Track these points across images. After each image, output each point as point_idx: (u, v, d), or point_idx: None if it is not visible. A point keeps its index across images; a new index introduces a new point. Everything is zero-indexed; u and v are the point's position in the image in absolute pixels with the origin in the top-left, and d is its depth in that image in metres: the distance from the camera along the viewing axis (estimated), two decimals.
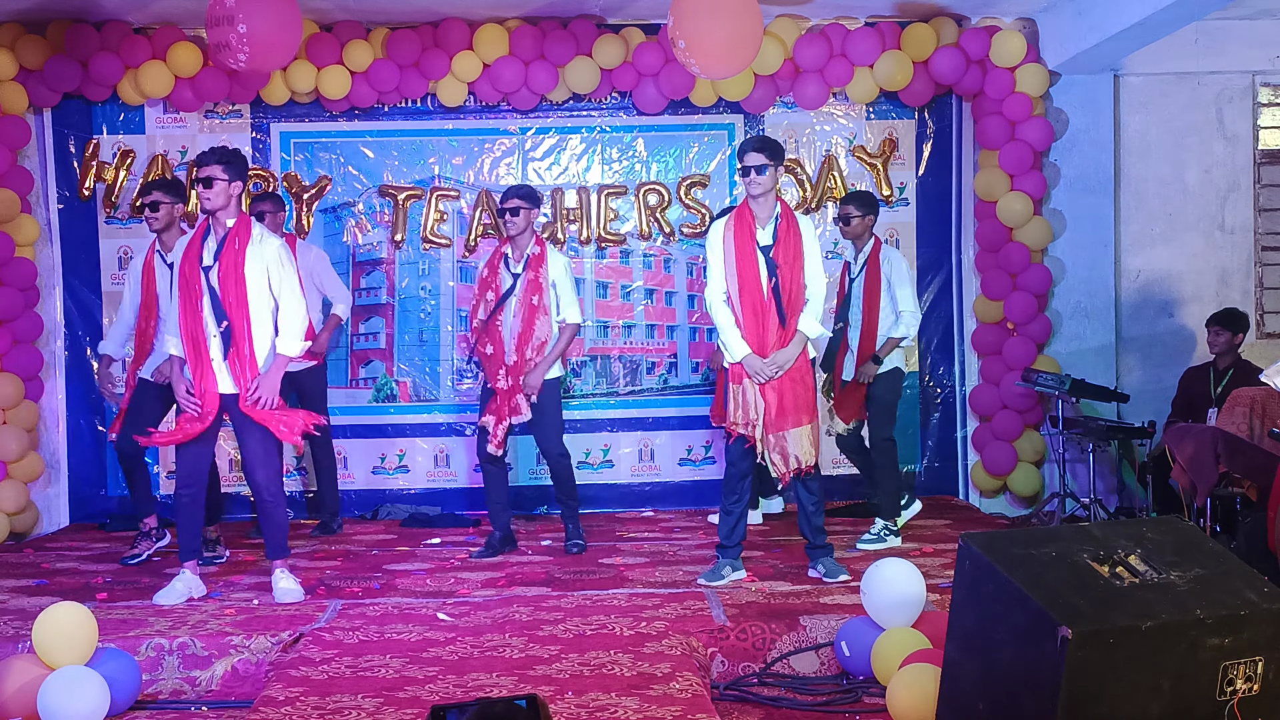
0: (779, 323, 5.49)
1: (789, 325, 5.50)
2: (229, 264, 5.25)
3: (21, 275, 7.11)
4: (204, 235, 5.34)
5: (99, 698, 4.16)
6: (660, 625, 4.82)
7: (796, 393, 5.51)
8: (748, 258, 5.50)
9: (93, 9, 7.09)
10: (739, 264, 5.50)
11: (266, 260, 5.32)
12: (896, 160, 7.87)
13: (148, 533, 6.39)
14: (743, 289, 5.50)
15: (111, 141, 7.64)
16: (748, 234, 5.52)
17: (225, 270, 5.25)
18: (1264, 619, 3.36)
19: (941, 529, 6.82)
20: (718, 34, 6.03)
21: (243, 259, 5.26)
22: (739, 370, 5.53)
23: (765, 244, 5.51)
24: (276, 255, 5.35)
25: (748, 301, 5.49)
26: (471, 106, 7.71)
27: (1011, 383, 7.43)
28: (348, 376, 7.82)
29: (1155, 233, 7.82)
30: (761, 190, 5.50)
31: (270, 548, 5.55)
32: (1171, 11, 6.28)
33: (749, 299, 5.50)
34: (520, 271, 6.25)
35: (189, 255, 5.32)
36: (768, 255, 5.50)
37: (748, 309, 5.49)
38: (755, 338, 5.50)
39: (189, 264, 5.30)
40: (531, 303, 6.21)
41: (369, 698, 4.09)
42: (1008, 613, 3.36)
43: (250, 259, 5.28)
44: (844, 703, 4.41)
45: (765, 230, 5.54)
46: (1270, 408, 5.61)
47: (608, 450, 7.85)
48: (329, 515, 7.16)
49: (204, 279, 5.27)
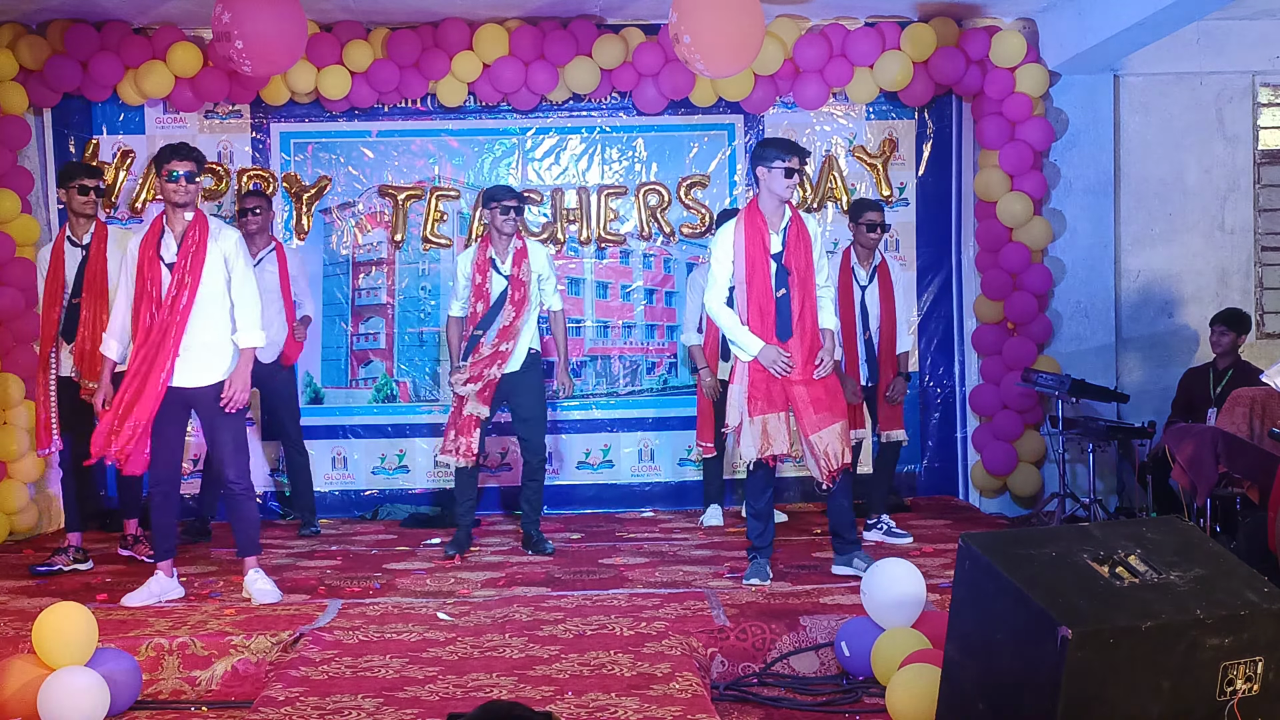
0: (783, 328, 5.43)
1: (796, 330, 5.44)
2: (190, 258, 5.22)
3: (21, 275, 7.10)
4: (160, 232, 5.32)
5: (99, 698, 4.16)
6: (660, 625, 4.82)
7: (830, 389, 5.48)
8: (758, 262, 5.43)
9: (93, 9, 7.10)
10: (749, 269, 5.43)
11: (225, 253, 5.30)
12: (896, 160, 7.88)
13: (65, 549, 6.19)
14: (750, 293, 5.43)
15: (111, 141, 7.64)
16: (759, 239, 5.45)
17: (187, 264, 5.22)
18: (1264, 619, 3.36)
19: (941, 529, 6.83)
20: (721, 31, 5.99)
21: (204, 254, 5.24)
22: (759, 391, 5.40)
23: (775, 250, 5.45)
24: (235, 247, 5.33)
25: (754, 307, 5.43)
26: (471, 107, 7.71)
27: (1011, 383, 7.43)
28: (348, 376, 7.82)
29: (1155, 233, 7.82)
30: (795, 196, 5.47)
31: (241, 544, 5.50)
32: (1171, 11, 6.28)
33: (756, 303, 5.43)
34: (509, 272, 6.26)
35: (146, 254, 5.29)
36: (779, 261, 5.44)
37: (754, 313, 5.43)
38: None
39: (149, 263, 5.27)
40: (516, 298, 6.24)
41: (369, 698, 4.09)
42: (1008, 613, 3.36)
43: (212, 253, 5.26)
44: (844, 703, 4.41)
45: (776, 236, 5.47)
46: (1270, 408, 5.61)
47: (608, 450, 7.85)
48: (307, 514, 7.14)
49: (166, 275, 5.25)
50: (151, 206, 7.70)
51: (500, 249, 6.30)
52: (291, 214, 7.71)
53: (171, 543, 5.49)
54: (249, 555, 5.49)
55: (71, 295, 6.09)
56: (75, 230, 6.16)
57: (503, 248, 6.30)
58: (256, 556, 5.52)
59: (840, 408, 5.51)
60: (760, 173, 5.45)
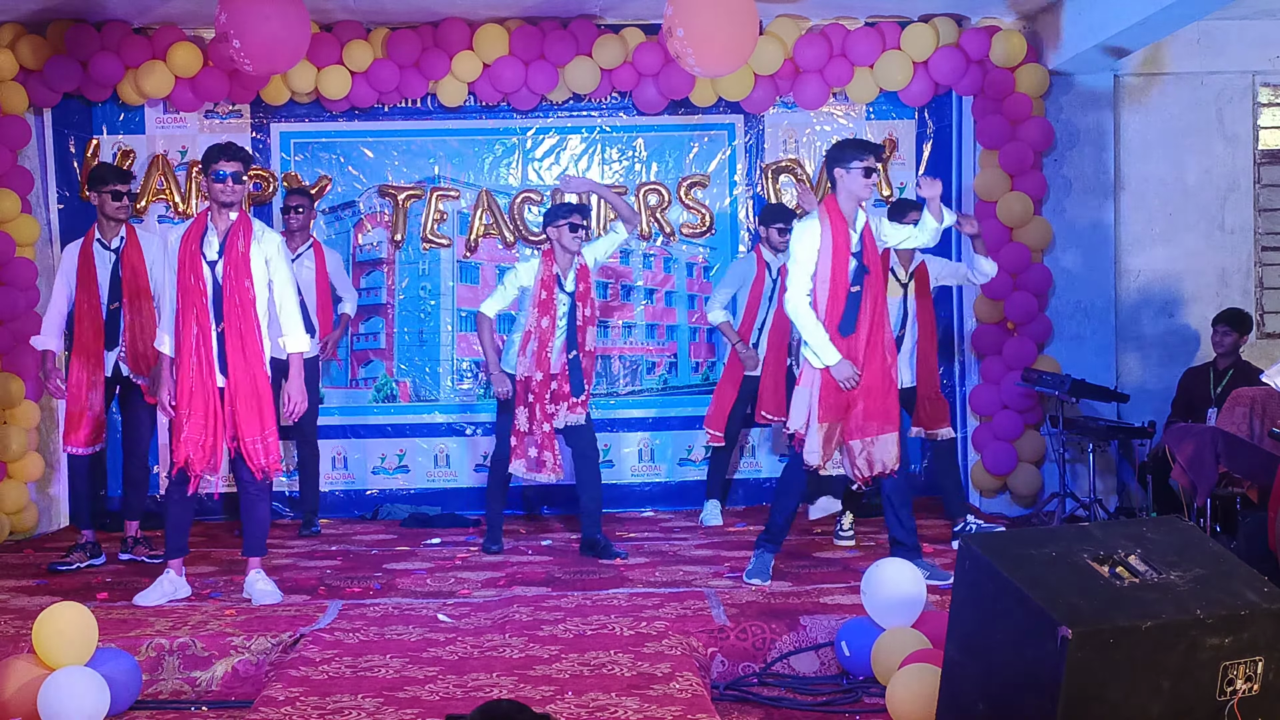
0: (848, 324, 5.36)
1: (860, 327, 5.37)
2: (235, 259, 5.24)
3: (21, 275, 7.10)
4: (203, 230, 5.32)
5: (99, 698, 4.16)
6: (660, 625, 4.82)
7: (886, 392, 5.44)
8: (842, 260, 5.36)
9: (93, 9, 7.10)
10: (834, 267, 5.34)
11: (267, 255, 5.33)
12: (896, 160, 7.88)
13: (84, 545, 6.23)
14: (830, 290, 5.36)
15: (111, 141, 7.64)
16: (843, 237, 5.37)
17: (232, 266, 5.24)
18: (1264, 619, 3.36)
19: (941, 529, 6.82)
20: (715, 27, 5.95)
21: (248, 254, 5.27)
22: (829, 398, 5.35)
23: (855, 249, 5.40)
24: (277, 250, 5.37)
25: (830, 302, 5.36)
26: (471, 106, 7.71)
27: (1011, 383, 7.43)
28: (348, 376, 7.83)
29: (1155, 233, 7.82)
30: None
31: (249, 544, 5.49)
32: (1171, 11, 6.28)
33: (831, 298, 5.36)
34: (573, 289, 6.23)
35: (188, 249, 5.28)
36: (859, 259, 5.39)
37: (826, 308, 5.36)
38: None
39: (191, 259, 5.27)
40: (585, 315, 6.25)
41: (369, 698, 4.09)
42: (1008, 613, 3.36)
43: (254, 255, 5.29)
44: (844, 703, 4.41)
45: (855, 234, 5.42)
46: (1270, 408, 5.61)
47: (608, 450, 7.85)
48: (309, 513, 7.14)
49: (209, 273, 5.27)
50: (153, 207, 7.71)
51: (563, 266, 6.22)
52: None
53: (184, 540, 5.48)
54: (254, 555, 5.50)
55: (110, 301, 6.13)
56: (105, 233, 6.18)
57: (567, 264, 6.23)
58: (260, 558, 5.53)
59: (893, 417, 5.45)
60: (838, 174, 5.39)
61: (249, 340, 5.25)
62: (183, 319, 5.27)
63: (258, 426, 5.27)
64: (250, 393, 5.26)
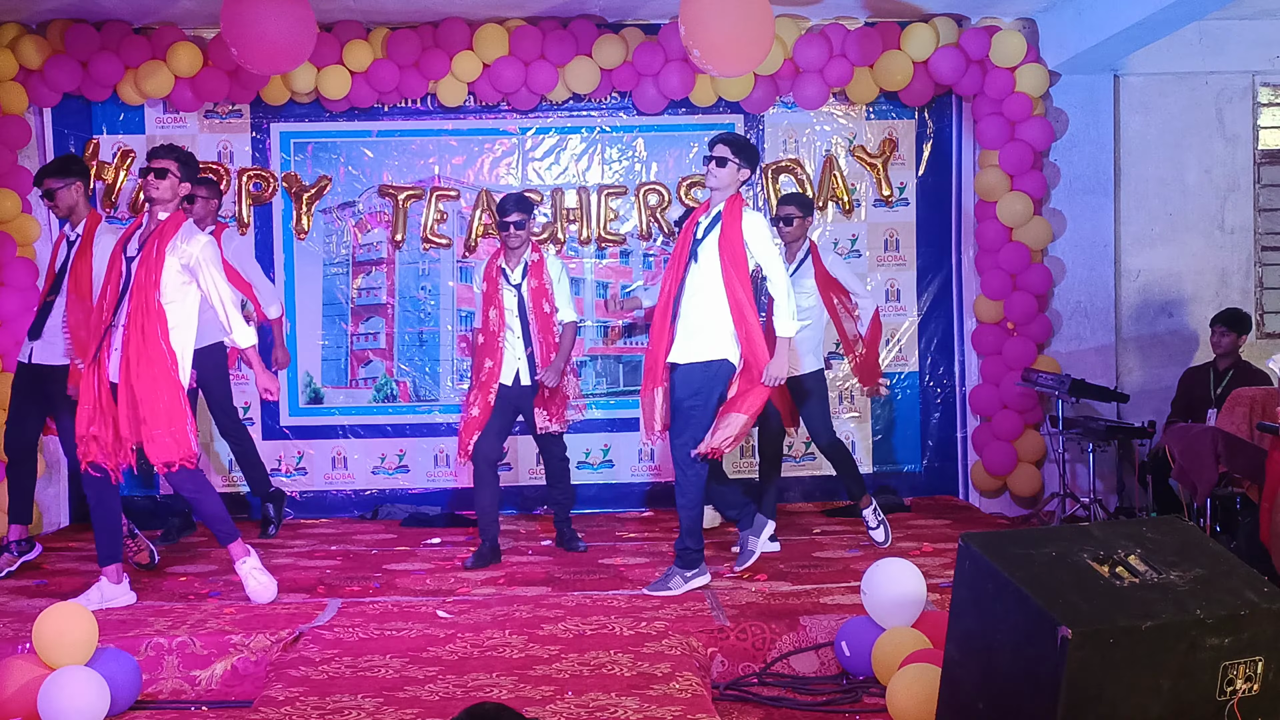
0: None
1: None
2: (147, 258, 5.20)
3: (21, 275, 7.10)
4: (139, 227, 5.37)
5: (99, 698, 4.16)
6: (660, 625, 4.82)
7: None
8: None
9: (93, 9, 7.10)
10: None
11: (191, 258, 5.22)
12: (896, 160, 7.88)
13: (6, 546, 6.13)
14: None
15: (111, 141, 7.64)
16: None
17: (143, 264, 5.20)
18: (1264, 619, 3.36)
19: (941, 529, 6.83)
20: (731, 26, 5.94)
21: (163, 255, 5.19)
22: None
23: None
24: (202, 253, 5.24)
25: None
26: (471, 106, 7.71)
27: (1011, 383, 7.43)
28: (348, 376, 7.83)
29: (1155, 233, 7.82)
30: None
31: (217, 536, 5.44)
32: (1171, 11, 6.29)
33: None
34: (520, 282, 6.23)
35: (118, 245, 5.37)
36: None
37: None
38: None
39: (115, 255, 5.34)
40: (543, 310, 6.23)
41: (369, 697, 4.10)
42: (1008, 613, 3.36)
43: (175, 256, 5.21)
44: (844, 703, 4.42)
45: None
46: (1270, 408, 5.62)
47: (608, 450, 7.85)
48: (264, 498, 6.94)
49: (125, 270, 5.27)
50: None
51: (510, 258, 6.24)
52: (291, 214, 7.71)
53: (116, 547, 5.38)
54: (229, 543, 5.41)
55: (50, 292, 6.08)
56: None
57: (513, 257, 6.23)
58: (237, 541, 5.41)
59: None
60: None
61: (149, 336, 5.15)
62: (96, 312, 5.31)
63: (161, 420, 5.12)
64: (149, 388, 5.12)
